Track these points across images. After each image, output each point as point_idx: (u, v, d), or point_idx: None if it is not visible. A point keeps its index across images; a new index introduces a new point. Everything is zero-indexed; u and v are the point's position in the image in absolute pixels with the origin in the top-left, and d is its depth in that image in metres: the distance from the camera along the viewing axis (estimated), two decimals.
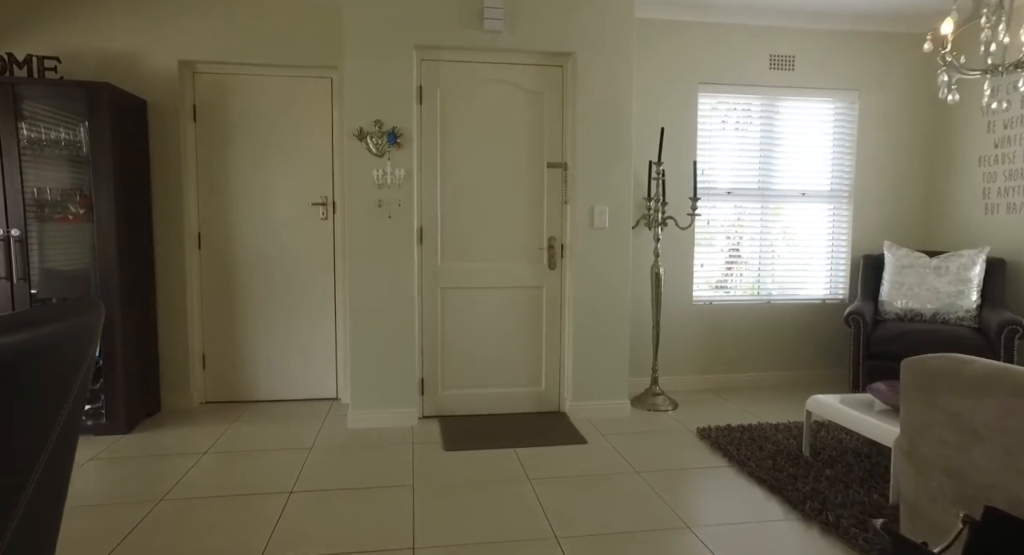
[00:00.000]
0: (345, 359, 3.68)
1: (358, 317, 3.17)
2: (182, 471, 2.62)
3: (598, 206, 3.29)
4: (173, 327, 3.45)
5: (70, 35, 3.26)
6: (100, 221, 2.99)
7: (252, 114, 3.51)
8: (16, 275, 2.93)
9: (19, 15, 3.23)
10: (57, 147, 3.25)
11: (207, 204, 3.52)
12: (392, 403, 3.21)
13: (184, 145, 3.42)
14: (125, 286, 3.09)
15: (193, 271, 3.50)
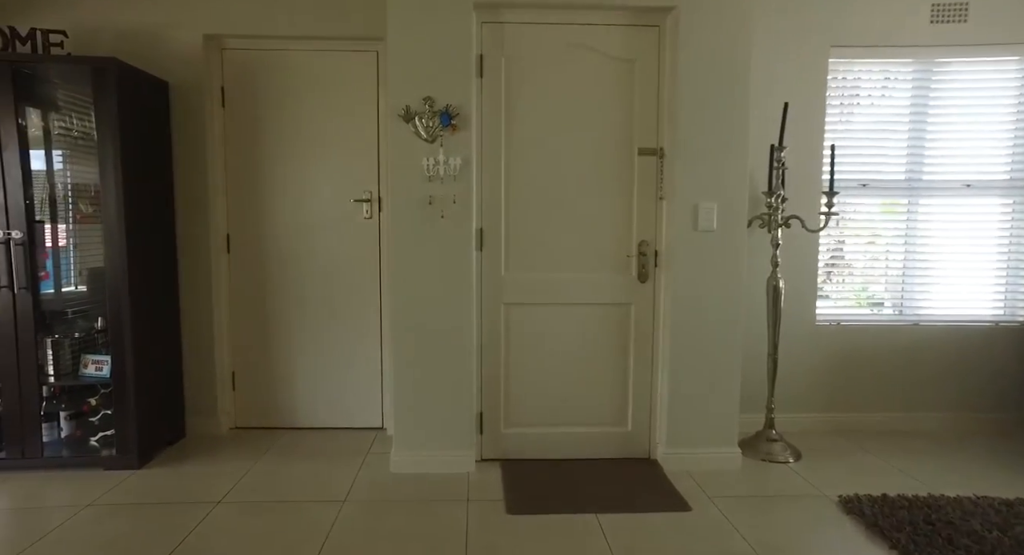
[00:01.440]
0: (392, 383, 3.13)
1: (404, 338, 2.60)
2: (184, 530, 2.13)
3: (703, 203, 2.58)
4: (199, 342, 3.01)
5: (84, 8, 2.85)
6: (106, 219, 2.55)
7: (287, 96, 3.00)
8: (17, 283, 2.54)
9: None
10: (68, 136, 2.86)
11: (236, 201, 3.05)
12: (444, 443, 2.63)
13: (211, 133, 2.96)
14: (137, 294, 2.65)
15: (221, 278, 3.04)
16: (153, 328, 2.77)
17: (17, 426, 2.57)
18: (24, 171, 2.71)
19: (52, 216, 2.82)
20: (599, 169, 2.67)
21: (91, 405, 2.79)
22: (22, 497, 2.37)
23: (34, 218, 2.79)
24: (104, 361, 2.66)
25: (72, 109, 2.84)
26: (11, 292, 2.54)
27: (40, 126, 2.86)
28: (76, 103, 2.82)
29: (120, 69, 2.51)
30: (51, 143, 2.87)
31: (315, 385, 3.13)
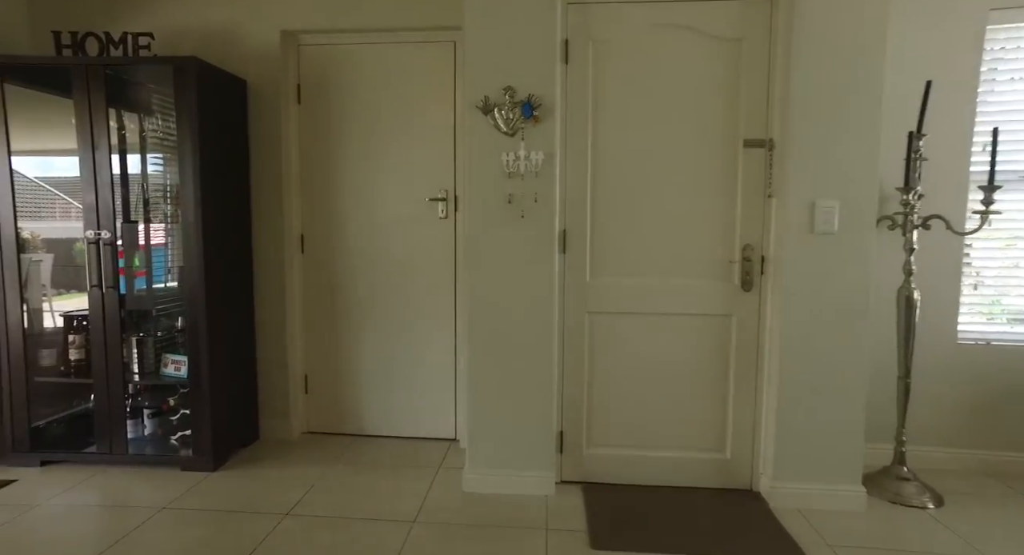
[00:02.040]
0: (466, 394, 2.96)
1: (479, 347, 2.41)
2: (252, 541, 2.04)
3: (823, 201, 2.22)
4: (273, 344, 2.96)
5: (169, 10, 2.87)
6: (184, 219, 2.53)
7: (361, 92, 2.90)
8: (105, 282, 2.57)
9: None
10: (158, 138, 2.89)
11: (311, 200, 2.98)
12: (521, 463, 2.42)
13: (286, 131, 2.90)
14: (213, 295, 2.62)
15: (295, 279, 2.99)
16: (229, 329, 2.74)
17: (106, 422, 2.60)
18: (122, 171, 2.77)
19: (145, 216, 2.86)
20: (697, 164, 2.37)
21: (170, 405, 2.80)
22: (107, 494, 2.38)
23: (129, 218, 2.85)
24: (182, 361, 2.65)
25: (161, 111, 2.87)
26: (100, 291, 2.57)
27: (132, 128, 2.91)
28: (165, 105, 2.85)
29: (199, 67, 2.48)
30: (145, 145, 2.91)
31: (386, 392, 3.01)
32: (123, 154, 2.90)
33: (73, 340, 2.70)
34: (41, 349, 2.70)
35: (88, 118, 2.50)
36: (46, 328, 2.86)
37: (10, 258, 2.58)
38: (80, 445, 2.67)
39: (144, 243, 2.83)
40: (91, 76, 2.47)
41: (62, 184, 2.84)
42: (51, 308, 2.88)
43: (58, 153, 2.82)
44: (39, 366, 2.69)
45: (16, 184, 2.59)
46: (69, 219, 2.84)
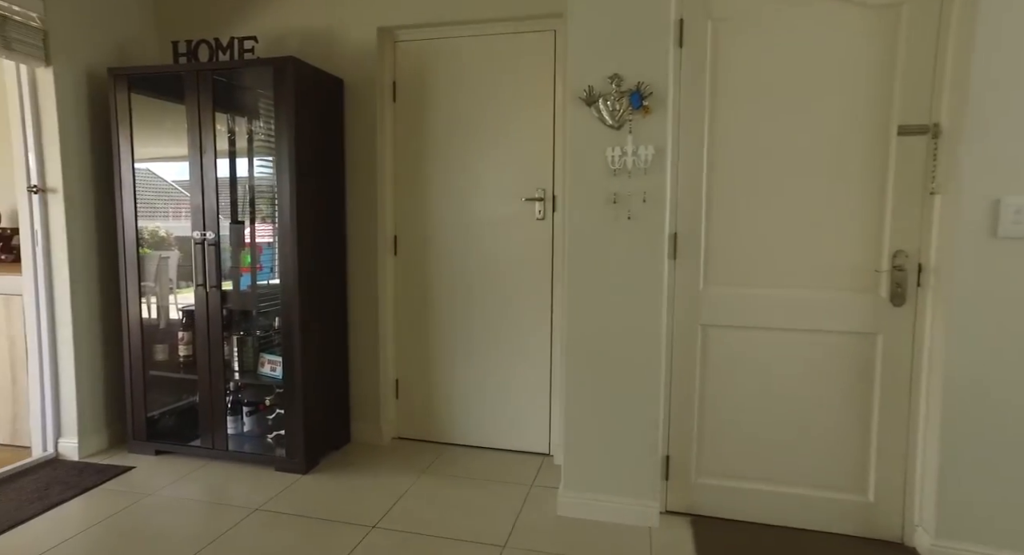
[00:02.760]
0: (561, 407, 2.77)
1: (577, 358, 2.21)
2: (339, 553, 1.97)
3: (1009, 199, 1.81)
4: (365, 347, 2.92)
5: (274, 13, 2.90)
6: (281, 219, 2.52)
7: (456, 88, 2.78)
8: (209, 282, 2.62)
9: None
10: (260, 139, 2.93)
11: (404, 200, 2.91)
12: (622, 488, 2.20)
13: (382, 129, 2.84)
14: (307, 296, 2.60)
15: (387, 281, 2.93)
16: (322, 331, 2.72)
17: (208, 418, 2.67)
18: (231, 173, 2.84)
19: (251, 217, 2.92)
20: (838, 156, 2.02)
21: (267, 404, 2.83)
22: (209, 489, 2.42)
23: (237, 218, 2.93)
24: (278, 362, 2.66)
25: (268, 115, 2.91)
26: (204, 290, 2.63)
27: (241, 132, 2.98)
28: (271, 109, 2.88)
29: (296, 67, 2.46)
30: (253, 148, 2.98)
31: (477, 400, 2.88)
32: (232, 157, 2.98)
33: (182, 336, 2.79)
34: (156, 344, 2.81)
35: (197, 122, 2.55)
36: (172, 321, 2.99)
37: (131, 256, 2.70)
38: (187, 438, 2.76)
39: (249, 243, 2.89)
40: (200, 81, 2.53)
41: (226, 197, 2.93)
42: (176, 302, 3.01)
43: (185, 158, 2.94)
44: (154, 360, 2.81)
45: (155, 187, 2.73)
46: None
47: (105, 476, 2.53)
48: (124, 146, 2.65)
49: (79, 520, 2.20)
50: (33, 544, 2.04)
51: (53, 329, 2.69)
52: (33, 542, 2.05)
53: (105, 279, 2.81)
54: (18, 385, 2.86)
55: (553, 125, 2.68)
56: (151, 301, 2.90)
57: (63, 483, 2.47)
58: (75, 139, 2.67)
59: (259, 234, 2.98)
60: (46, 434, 2.72)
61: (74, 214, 2.66)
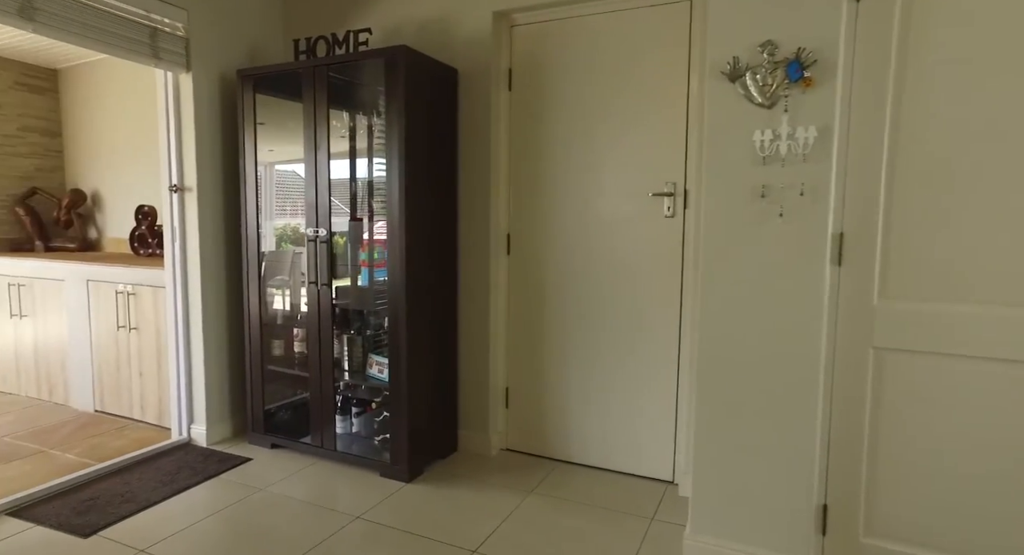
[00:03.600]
0: (688, 431, 2.43)
1: (709, 379, 1.88)
2: None
3: None
4: (475, 352, 2.77)
5: (389, 6, 2.83)
6: (390, 215, 2.43)
7: (576, 73, 2.53)
8: (320, 280, 2.61)
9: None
10: (375, 135, 2.88)
11: (519, 196, 2.71)
12: (764, 537, 1.83)
13: (496, 120, 2.67)
14: (414, 296, 2.49)
15: (500, 283, 2.75)
16: (430, 333, 2.61)
17: (319, 415, 2.66)
18: (351, 170, 2.83)
19: (369, 214, 2.90)
20: None
21: (374, 407, 2.78)
22: (315, 490, 2.40)
23: (355, 215, 2.92)
24: (385, 364, 2.58)
25: (374, 106, 2.86)
26: (316, 288, 2.62)
27: (360, 129, 2.97)
28: (377, 101, 2.83)
29: (408, 57, 2.35)
30: (372, 144, 2.95)
31: (594, 415, 2.62)
32: (352, 152, 2.97)
33: (297, 333, 2.82)
34: (273, 339, 2.87)
35: (312, 119, 2.54)
36: (296, 316, 3.06)
37: (252, 252, 2.76)
38: (300, 433, 2.78)
39: (366, 240, 2.86)
40: (316, 78, 2.51)
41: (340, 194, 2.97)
42: (302, 297, 3.07)
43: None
44: (271, 355, 2.87)
45: (293, 184, 2.80)
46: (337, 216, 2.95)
47: (226, 466, 2.61)
48: (249, 145, 2.72)
49: (198, 508, 2.25)
50: (157, 527, 2.11)
51: (187, 321, 2.83)
52: (157, 525, 2.13)
53: (231, 275, 2.92)
54: (163, 371, 3.06)
55: (686, 110, 2.34)
56: (285, 294, 2.98)
57: (191, 468, 2.58)
58: (208, 140, 2.78)
59: (377, 231, 2.95)
60: (181, 420, 2.87)
61: (205, 211, 2.78)
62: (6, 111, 4.03)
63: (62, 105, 4.27)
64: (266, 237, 2.88)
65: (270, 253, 2.92)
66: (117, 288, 3.14)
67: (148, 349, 3.09)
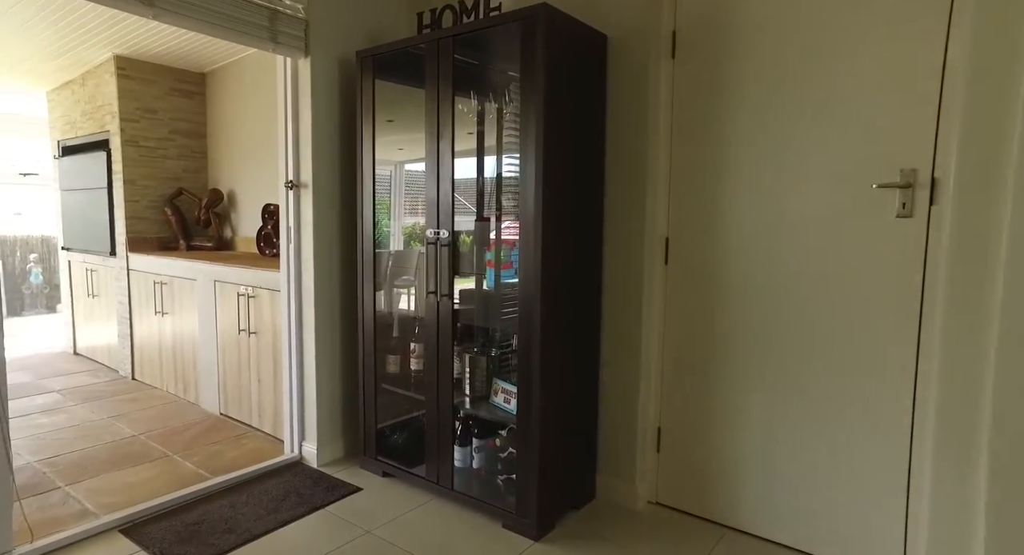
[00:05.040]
0: (930, 512, 1.73)
1: (983, 449, 1.21)
2: None
3: None
4: (620, 384, 2.26)
5: None
6: (523, 213, 1.98)
7: (764, 33, 1.92)
8: (440, 290, 2.24)
9: None
10: (505, 123, 2.47)
11: (682, 192, 2.15)
12: None
13: (655, 96, 2.13)
14: (552, 314, 2.03)
15: (654, 299, 2.21)
16: (567, 356, 2.13)
17: (435, 444, 2.30)
18: (478, 164, 2.46)
19: (497, 213, 2.51)
20: None
21: (497, 443, 2.35)
22: (424, 538, 2.03)
23: (482, 215, 2.55)
24: (513, 393, 2.15)
25: (510, 94, 2.45)
26: (435, 299, 2.25)
27: (488, 115, 2.58)
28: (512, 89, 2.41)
29: (550, 18, 1.89)
30: (502, 135, 2.56)
31: (778, 474, 2.00)
32: (480, 142, 2.60)
33: (414, 349, 2.48)
34: (389, 354, 2.56)
35: (435, 102, 2.17)
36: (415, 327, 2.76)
37: (368, 256, 2.46)
38: (413, 460, 2.44)
39: (493, 243, 2.46)
40: (440, 54, 2.13)
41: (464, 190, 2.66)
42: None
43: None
44: (386, 373, 2.56)
45: (419, 180, 2.52)
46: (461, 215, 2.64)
47: (333, 495, 2.33)
48: (367, 135, 2.42)
49: (299, 549, 1.97)
50: None
51: (300, 329, 2.61)
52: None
53: (346, 280, 2.65)
54: (279, 381, 2.89)
55: (942, 70, 1.65)
56: (411, 293, 2.70)
57: (298, 494, 2.33)
58: (325, 131, 2.53)
59: (505, 232, 2.55)
60: (293, 436, 2.66)
61: (321, 210, 2.53)
62: (160, 116, 4.18)
63: (207, 107, 4.37)
64: (395, 236, 2.69)
65: (396, 252, 2.70)
66: (239, 290, 3.03)
67: (266, 355, 2.93)
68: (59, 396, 3.73)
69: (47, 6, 3.12)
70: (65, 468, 2.64)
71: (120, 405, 3.52)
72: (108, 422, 3.23)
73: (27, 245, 6.83)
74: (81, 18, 3.31)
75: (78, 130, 4.48)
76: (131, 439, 2.97)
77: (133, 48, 3.83)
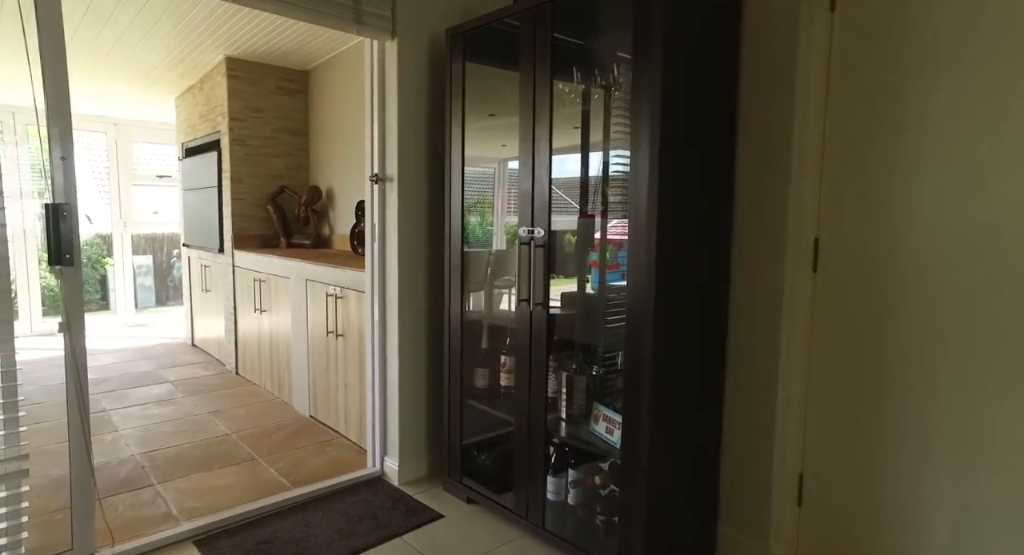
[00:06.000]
0: None
1: None
2: None
3: None
4: (749, 416, 1.84)
5: None
6: (634, 210, 1.63)
7: None
8: (534, 298, 1.93)
9: None
10: (607, 106, 2.12)
11: (840, 181, 1.69)
12: None
13: (804, 65, 1.69)
14: (668, 335, 1.66)
15: (797, 312, 1.76)
16: (685, 380, 1.75)
17: (525, 473, 2.01)
18: (583, 154, 2.16)
19: (603, 209, 2.19)
20: None
21: (598, 479, 2.00)
22: None
23: (586, 211, 2.24)
24: (616, 422, 1.80)
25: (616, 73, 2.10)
26: (528, 307, 1.95)
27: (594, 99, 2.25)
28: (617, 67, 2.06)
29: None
30: (608, 121, 2.23)
31: (976, 537, 1.49)
32: (585, 127, 2.28)
33: (504, 362, 2.20)
34: (477, 368, 2.30)
35: (531, 83, 1.87)
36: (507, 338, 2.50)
37: (455, 254, 2.21)
38: (501, 486, 2.16)
39: (598, 244, 2.15)
40: (537, 27, 1.83)
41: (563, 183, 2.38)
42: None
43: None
44: (474, 387, 2.30)
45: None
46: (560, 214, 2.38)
47: (412, 522, 2.11)
48: (456, 123, 2.17)
49: None
50: None
51: (384, 333, 2.42)
52: None
53: (432, 284, 2.43)
54: (364, 387, 2.73)
55: None
56: (510, 295, 2.45)
57: (374, 518, 2.13)
58: (412, 121, 2.31)
59: (611, 231, 2.22)
60: (375, 448, 2.49)
61: (407, 206, 2.32)
62: (265, 115, 4.24)
63: (309, 105, 4.39)
64: (497, 235, 2.58)
65: (497, 252, 2.51)
66: (327, 290, 2.91)
67: (352, 360, 2.79)
68: (172, 387, 3.87)
69: (165, 9, 3.19)
70: (161, 464, 2.64)
71: (221, 400, 3.57)
72: (207, 418, 3.25)
73: (172, 241, 7.42)
74: (194, 19, 3.37)
75: (196, 132, 4.67)
76: (223, 438, 2.95)
77: (241, 48, 3.89)
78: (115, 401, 3.56)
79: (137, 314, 6.38)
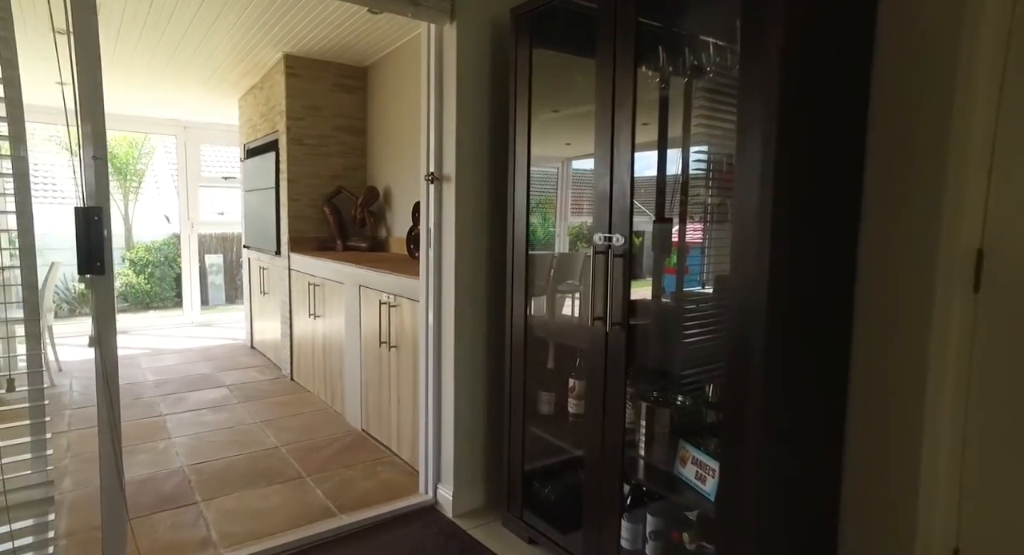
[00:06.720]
0: None
1: None
2: None
3: None
4: (879, 472, 1.49)
5: None
6: (740, 216, 1.32)
7: None
8: (611, 317, 1.65)
9: None
10: (699, 94, 1.82)
11: (1013, 175, 1.32)
12: None
13: (970, 33, 1.33)
14: (779, 355, 1.34)
15: (951, 343, 1.40)
16: (799, 419, 1.43)
17: (595, 514, 1.74)
18: (632, 144, 1.86)
19: (681, 212, 1.90)
20: None
21: (686, 536, 1.69)
22: None
23: (663, 215, 1.95)
24: (711, 469, 1.49)
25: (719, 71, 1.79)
26: (603, 327, 1.67)
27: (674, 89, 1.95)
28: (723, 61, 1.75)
29: None
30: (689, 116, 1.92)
31: None
32: (662, 127, 1.97)
33: (573, 386, 1.93)
34: (542, 391, 2.04)
35: (611, 71, 1.59)
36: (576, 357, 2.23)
37: (519, 261, 1.95)
38: (567, 526, 1.89)
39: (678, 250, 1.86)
40: (618, 9, 1.54)
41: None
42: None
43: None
44: (538, 413, 2.04)
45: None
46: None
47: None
48: (521, 117, 1.91)
49: None
50: None
51: (439, 347, 2.20)
52: None
53: (493, 290, 2.18)
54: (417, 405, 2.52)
55: None
56: (574, 299, 2.21)
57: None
58: (472, 114, 2.08)
59: (687, 235, 1.93)
60: (428, 474, 2.27)
61: (465, 207, 2.09)
62: (324, 113, 4.13)
63: (367, 103, 4.26)
64: (560, 237, 2.35)
65: (561, 255, 2.29)
66: (381, 297, 2.73)
67: (406, 373, 2.59)
68: (227, 392, 3.81)
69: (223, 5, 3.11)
70: (209, 478, 2.53)
71: (274, 408, 3.47)
72: (258, 427, 3.14)
73: (240, 241, 7.62)
74: (252, 12, 3.28)
75: (257, 132, 4.63)
76: (272, 451, 2.82)
77: (299, 45, 3.78)
78: (172, 405, 3.52)
79: (202, 313, 6.49)
